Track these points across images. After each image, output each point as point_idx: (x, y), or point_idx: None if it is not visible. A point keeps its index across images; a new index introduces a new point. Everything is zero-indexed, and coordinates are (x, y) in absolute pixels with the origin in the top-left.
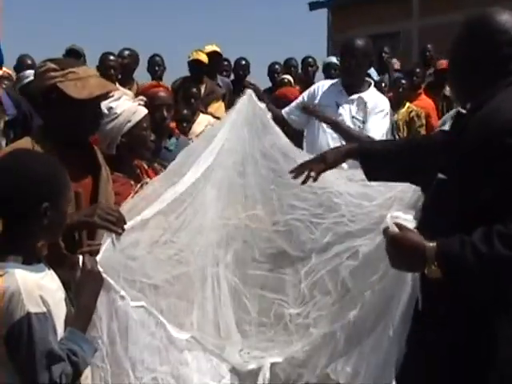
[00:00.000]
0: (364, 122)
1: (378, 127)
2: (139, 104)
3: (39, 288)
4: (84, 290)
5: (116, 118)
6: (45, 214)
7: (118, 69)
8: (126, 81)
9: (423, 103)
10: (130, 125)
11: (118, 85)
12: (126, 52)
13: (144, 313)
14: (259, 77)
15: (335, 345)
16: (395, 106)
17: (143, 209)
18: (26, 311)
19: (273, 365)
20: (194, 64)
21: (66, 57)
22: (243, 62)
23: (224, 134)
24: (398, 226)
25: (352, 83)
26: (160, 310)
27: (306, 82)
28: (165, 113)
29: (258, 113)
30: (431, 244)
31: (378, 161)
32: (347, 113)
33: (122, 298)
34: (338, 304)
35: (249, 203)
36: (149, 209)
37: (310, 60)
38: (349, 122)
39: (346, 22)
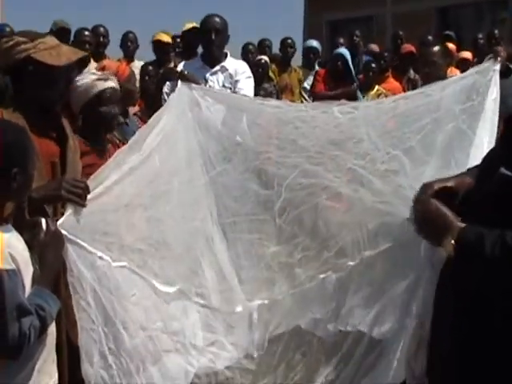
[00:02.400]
0: (232, 88)
1: (248, 86)
2: (101, 79)
3: (8, 246)
4: (48, 250)
5: (75, 89)
6: (14, 179)
7: (92, 44)
8: (99, 56)
9: (391, 85)
10: (88, 97)
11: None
12: (101, 29)
13: (128, 272)
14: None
15: (327, 292)
16: (365, 88)
17: (107, 177)
18: None
19: (260, 306)
20: (156, 45)
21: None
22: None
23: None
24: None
25: (214, 56)
26: (145, 268)
27: (282, 62)
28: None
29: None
30: (460, 224)
31: None
32: (216, 83)
33: (101, 258)
34: (325, 249)
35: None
36: (111, 176)
37: (290, 41)
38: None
39: (321, 5)
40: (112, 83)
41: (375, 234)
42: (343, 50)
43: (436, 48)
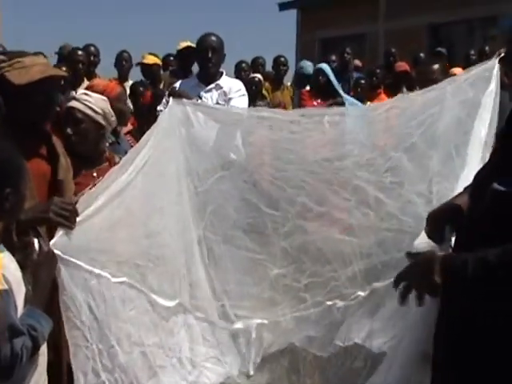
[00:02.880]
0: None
1: (241, 104)
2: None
3: (1, 267)
4: (41, 270)
5: None
6: (7, 198)
7: (85, 63)
8: (90, 75)
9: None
10: None
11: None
12: (92, 48)
13: (126, 288)
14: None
15: (334, 319)
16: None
17: (96, 198)
18: None
19: (259, 325)
20: (142, 68)
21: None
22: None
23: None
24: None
25: (210, 74)
26: (144, 283)
27: (275, 80)
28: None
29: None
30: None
31: None
32: (209, 100)
33: (99, 276)
34: (333, 278)
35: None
36: (101, 198)
37: (282, 59)
38: None
39: (314, 22)
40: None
41: (386, 265)
42: (323, 65)
43: (436, 66)
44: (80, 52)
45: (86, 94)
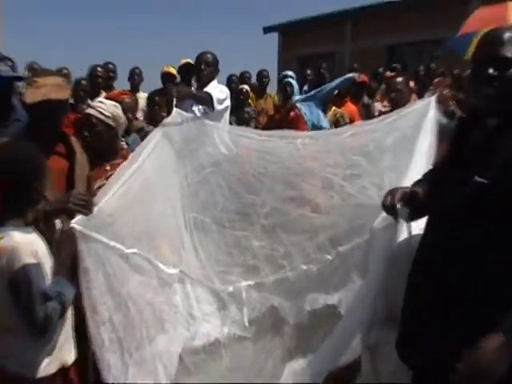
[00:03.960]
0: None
1: (212, 91)
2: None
3: (31, 244)
4: (63, 247)
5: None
6: (35, 190)
7: (104, 78)
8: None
9: (348, 109)
10: None
11: (103, 92)
12: (110, 65)
13: (138, 258)
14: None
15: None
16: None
17: (110, 190)
18: (24, 262)
19: (247, 287)
20: (165, 76)
21: None
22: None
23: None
24: None
25: (203, 84)
26: (152, 254)
27: (259, 91)
28: (129, 115)
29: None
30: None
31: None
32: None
33: (114, 247)
34: (307, 247)
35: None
36: (115, 185)
37: (265, 73)
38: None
39: (292, 43)
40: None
41: (348, 233)
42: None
43: (400, 79)
44: (99, 68)
45: (100, 101)
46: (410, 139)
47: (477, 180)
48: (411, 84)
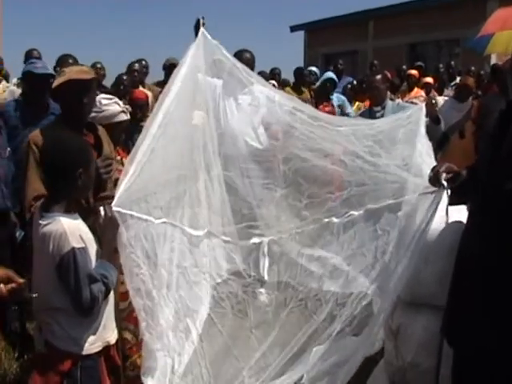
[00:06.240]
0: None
1: None
2: (123, 111)
3: (78, 230)
4: (106, 232)
5: (100, 111)
6: (79, 178)
7: (140, 72)
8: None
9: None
10: (106, 121)
11: (140, 86)
12: (143, 62)
13: (166, 225)
14: None
15: (329, 233)
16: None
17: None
18: (71, 246)
19: (270, 241)
20: (169, 68)
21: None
22: None
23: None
24: None
25: None
26: (179, 219)
27: (295, 86)
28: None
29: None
30: None
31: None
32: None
33: (146, 220)
34: (330, 199)
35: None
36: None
37: (277, 70)
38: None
39: (317, 41)
40: (126, 117)
41: (377, 194)
42: (332, 76)
43: (378, 76)
44: (137, 64)
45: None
46: (413, 135)
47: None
48: (429, 80)
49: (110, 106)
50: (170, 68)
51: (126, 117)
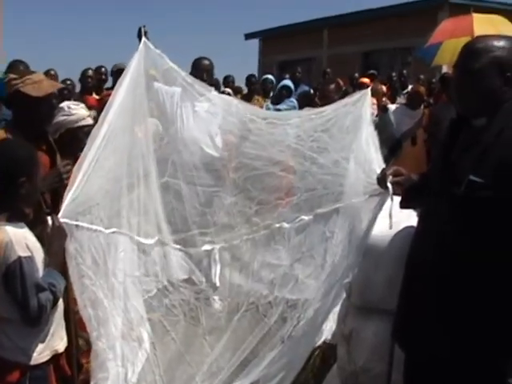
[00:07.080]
0: None
1: None
2: (89, 115)
3: (24, 238)
4: (53, 241)
5: (69, 115)
6: (22, 186)
7: (94, 79)
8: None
9: None
10: (75, 125)
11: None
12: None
13: (116, 235)
14: None
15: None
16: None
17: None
18: (18, 255)
19: (220, 248)
20: (116, 73)
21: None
22: None
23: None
24: None
25: None
26: (129, 228)
27: (247, 94)
28: None
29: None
30: None
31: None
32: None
33: (96, 230)
34: (280, 206)
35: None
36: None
37: (231, 78)
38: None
39: (272, 49)
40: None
41: (326, 197)
42: (289, 83)
43: (332, 86)
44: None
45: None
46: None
47: (471, 179)
48: (384, 88)
49: (78, 110)
50: (117, 73)
51: (91, 121)
